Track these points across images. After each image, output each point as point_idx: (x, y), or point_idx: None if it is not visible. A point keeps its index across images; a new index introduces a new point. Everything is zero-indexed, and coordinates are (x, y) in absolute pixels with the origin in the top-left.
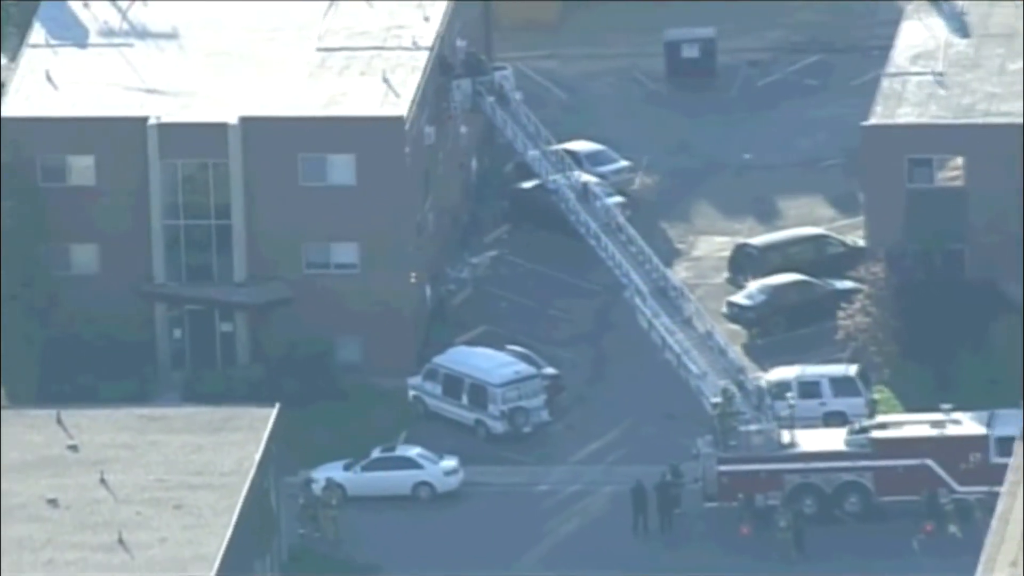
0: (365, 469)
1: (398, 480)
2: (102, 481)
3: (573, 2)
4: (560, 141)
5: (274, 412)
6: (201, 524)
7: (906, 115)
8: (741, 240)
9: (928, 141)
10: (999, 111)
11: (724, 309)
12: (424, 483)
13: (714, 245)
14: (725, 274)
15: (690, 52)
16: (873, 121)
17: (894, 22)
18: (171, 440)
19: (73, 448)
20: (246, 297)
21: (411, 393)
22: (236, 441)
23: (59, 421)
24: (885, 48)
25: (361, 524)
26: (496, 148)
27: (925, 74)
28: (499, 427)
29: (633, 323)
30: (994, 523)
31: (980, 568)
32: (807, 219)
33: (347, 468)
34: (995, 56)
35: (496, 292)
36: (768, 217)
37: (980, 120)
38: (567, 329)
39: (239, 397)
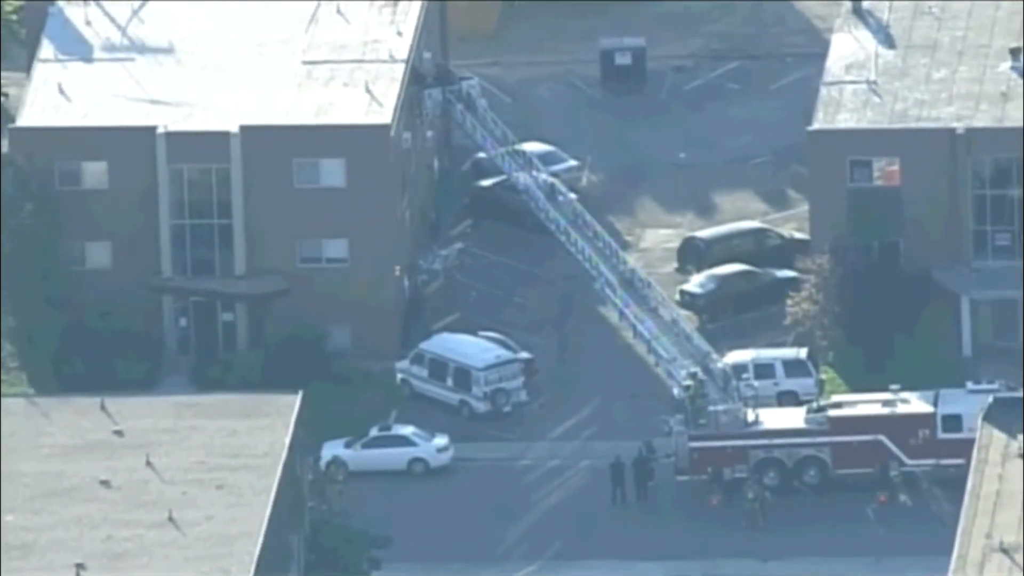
0: (365, 447)
1: (395, 456)
2: (148, 464)
3: (512, 11)
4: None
5: (298, 398)
6: (242, 503)
7: (845, 120)
8: (688, 233)
9: (867, 144)
10: (929, 116)
11: (676, 296)
12: (418, 459)
13: (659, 237)
14: (673, 264)
15: (623, 59)
16: (816, 126)
17: (802, 31)
18: (208, 425)
19: (119, 433)
20: (246, 289)
21: (399, 376)
22: (266, 426)
23: (103, 408)
24: (798, 55)
25: (364, 497)
26: (454, 149)
27: (859, 82)
28: (482, 407)
29: (593, 309)
30: (966, 498)
31: (957, 541)
32: (742, 213)
33: (348, 446)
34: (921, 66)
35: (464, 282)
36: (706, 211)
37: (914, 125)
38: (532, 315)
39: (240, 381)
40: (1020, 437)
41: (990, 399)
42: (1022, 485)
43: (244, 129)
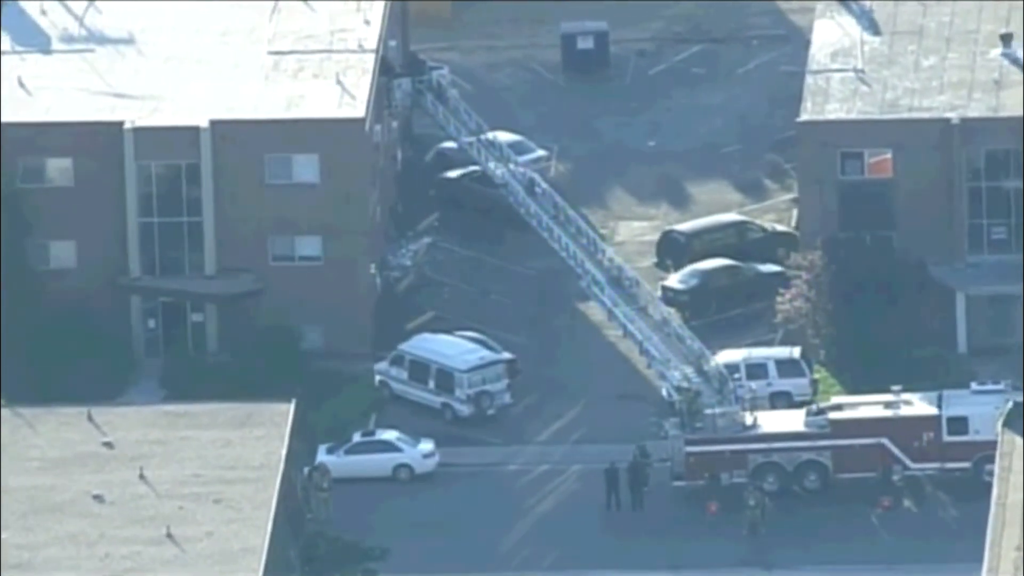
0: (348, 452)
1: (379, 463)
2: (141, 477)
3: None
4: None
5: (292, 407)
6: (242, 518)
7: (834, 111)
8: (667, 227)
9: (859, 136)
10: (921, 106)
11: (658, 293)
12: (404, 465)
13: (634, 230)
14: (651, 259)
15: (585, 44)
16: (806, 117)
17: (766, 12)
18: (200, 435)
19: (108, 445)
20: (216, 289)
21: (377, 378)
22: (261, 436)
23: (90, 419)
24: (764, 37)
25: (348, 505)
26: (415, 139)
27: (847, 71)
28: (465, 410)
29: (573, 307)
30: (992, 508)
31: (986, 553)
32: (718, 204)
33: (331, 451)
34: (908, 53)
35: (435, 278)
36: (681, 203)
37: (907, 115)
38: (511, 314)
39: (211, 385)
40: None
41: (1009, 404)
42: None
43: (214, 124)
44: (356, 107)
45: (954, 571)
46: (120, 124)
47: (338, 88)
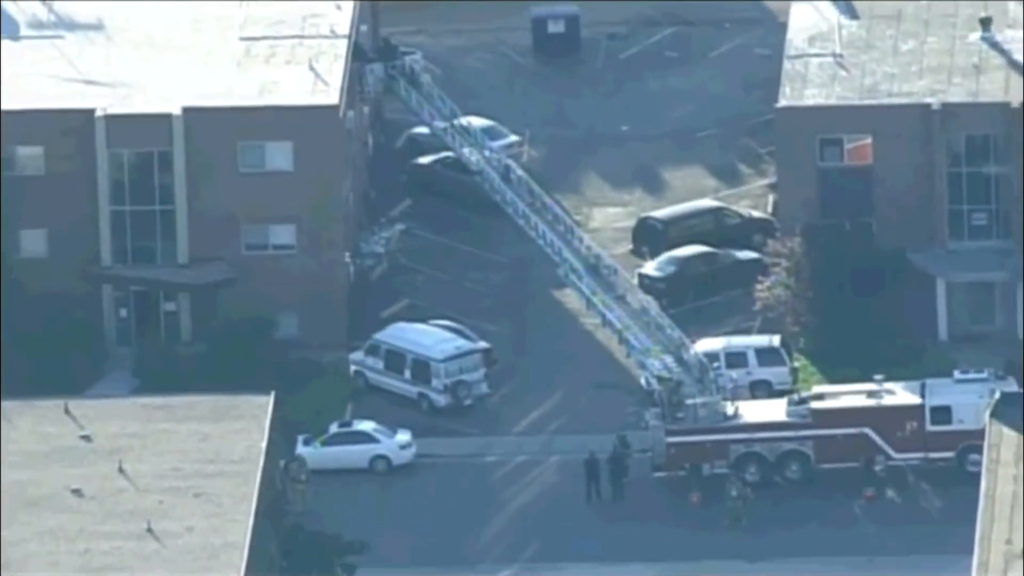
0: (324, 444)
1: (356, 454)
2: (121, 471)
3: None
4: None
5: (271, 399)
6: (222, 512)
7: (813, 96)
8: (643, 214)
9: (838, 122)
10: (901, 91)
11: (634, 280)
12: (381, 456)
13: (609, 216)
14: (626, 246)
15: (556, 27)
16: (784, 103)
17: None
18: (179, 428)
19: (86, 438)
20: (189, 278)
21: (352, 368)
22: (240, 429)
23: (67, 411)
24: (736, 20)
25: (326, 497)
26: (386, 124)
27: (825, 56)
28: (442, 400)
29: (549, 295)
30: (981, 501)
31: (976, 547)
32: (693, 189)
33: (307, 443)
34: (887, 37)
35: (409, 265)
36: (656, 189)
37: (887, 101)
38: (485, 301)
39: (184, 375)
40: None
41: (996, 394)
42: None
43: (187, 111)
44: (330, 94)
45: (937, 561)
46: (91, 112)
47: (311, 74)
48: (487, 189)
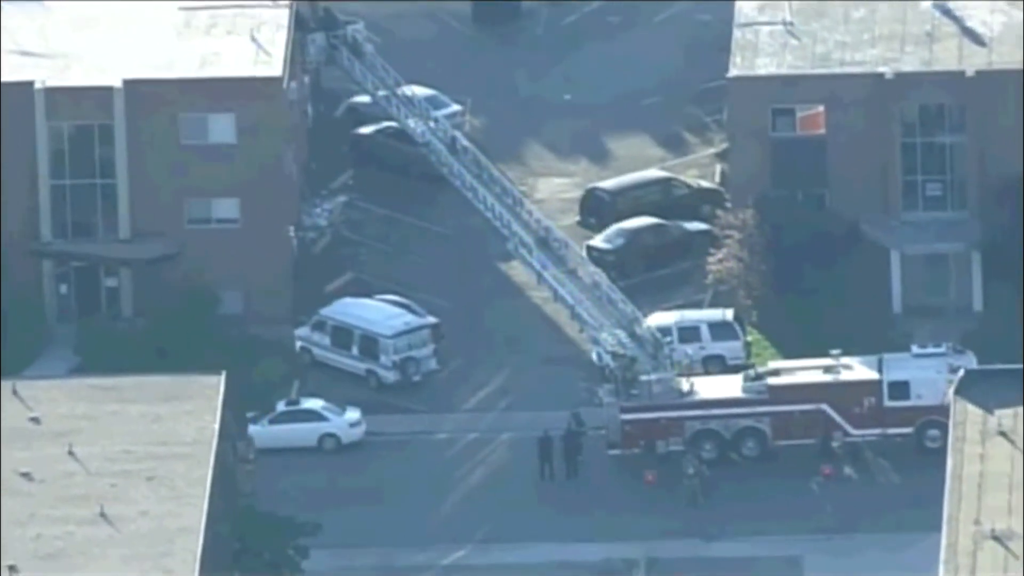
0: (272, 422)
1: (304, 432)
2: (71, 454)
3: None
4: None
5: (223, 379)
6: (177, 496)
7: (764, 66)
8: (590, 184)
9: (790, 91)
10: (853, 60)
11: (583, 253)
12: (329, 435)
13: (554, 187)
14: (573, 217)
15: None
16: (735, 73)
17: None
18: (129, 410)
19: (35, 420)
20: (130, 253)
21: (298, 344)
22: (192, 410)
23: (15, 392)
24: None
25: (273, 477)
26: (325, 94)
27: (775, 24)
28: (390, 377)
29: (495, 268)
30: (948, 481)
31: (944, 527)
32: (639, 159)
33: (254, 421)
34: (838, 5)
35: (352, 238)
36: (601, 158)
37: (839, 70)
38: (431, 275)
39: (126, 352)
40: (998, 413)
41: (961, 371)
42: (1008, 465)
43: (128, 83)
44: (272, 65)
45: (896, 539)
46: (30, 84)
47: (253, 45)
48: (433, 161)
